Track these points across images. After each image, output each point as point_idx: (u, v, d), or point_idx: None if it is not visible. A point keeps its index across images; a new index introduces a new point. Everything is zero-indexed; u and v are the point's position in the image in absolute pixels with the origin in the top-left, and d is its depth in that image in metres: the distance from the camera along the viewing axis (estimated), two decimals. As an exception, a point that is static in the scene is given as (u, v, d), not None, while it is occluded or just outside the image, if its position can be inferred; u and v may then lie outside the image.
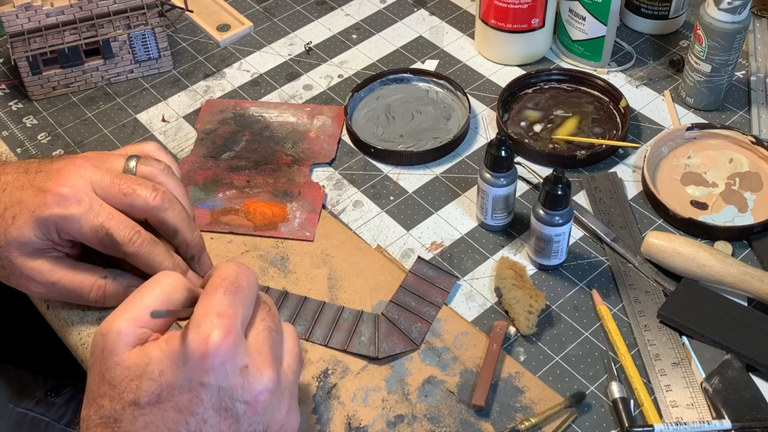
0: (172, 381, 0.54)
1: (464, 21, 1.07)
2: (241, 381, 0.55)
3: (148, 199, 0.68)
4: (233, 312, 0.56)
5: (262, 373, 0.56)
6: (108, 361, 0.55)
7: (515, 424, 0.66)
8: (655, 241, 0.76)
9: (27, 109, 0.98)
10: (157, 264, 0.69)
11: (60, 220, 0.67)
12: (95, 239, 0.68)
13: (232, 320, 0.55)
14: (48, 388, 1.02)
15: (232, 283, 0.57)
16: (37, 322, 0.83)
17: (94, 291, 0.71)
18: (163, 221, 0.70)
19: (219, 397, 0.54)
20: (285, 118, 0.94)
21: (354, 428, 0.67)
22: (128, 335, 0.55)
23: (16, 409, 0.99)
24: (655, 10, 1.01)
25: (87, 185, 0.68)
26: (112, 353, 0.55)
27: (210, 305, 0.56)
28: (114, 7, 0.94)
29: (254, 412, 0.56)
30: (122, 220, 0.68)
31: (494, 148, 0.76)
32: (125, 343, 0.55)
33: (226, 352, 0.54)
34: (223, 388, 0.54)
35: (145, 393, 0.54)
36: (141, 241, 0.68)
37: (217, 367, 0.54)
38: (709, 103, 0.92)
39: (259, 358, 0.56)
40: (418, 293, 0.76)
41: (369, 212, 0.84)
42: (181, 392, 0.54)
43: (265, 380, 0.56)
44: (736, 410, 0.65)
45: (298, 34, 1.06)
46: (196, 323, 0.55)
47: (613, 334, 0.72)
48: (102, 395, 0.55)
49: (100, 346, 0.56)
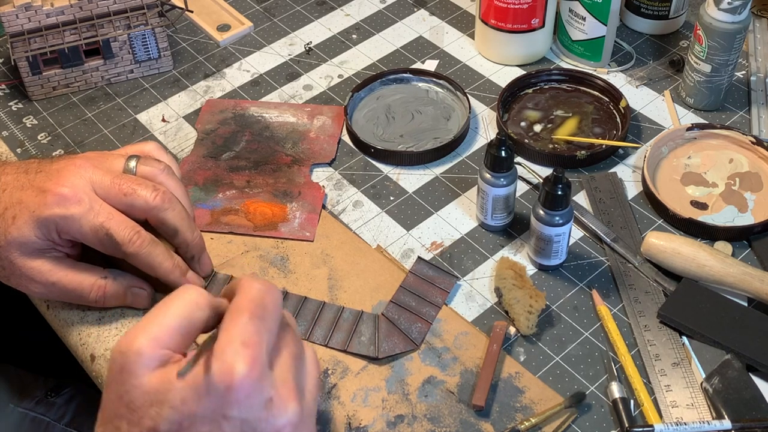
0: (194, 411, 0.52)
1: (464, 21, 1.07)
2: (265, 414, 0.53)
3: (148, 199, 0.68)
4: (259, 340, 0.53)
5: (286, 406, 0.54)
6: (127, 383, 0.53)
7: (515, 424, 0.66)
8: (655, 241, 0.76)
9: (27, 109, 0.98)
10: (157, 264, 0.69)
11: (60, 220, 0.67)
12: (95, 239, 0.68)
13: (257, 350, 0.53)
14: (48, 388, 1.02)
15: (257, 306, 0.55)
16: (37, 322, 0.83)
17: (94, 291, 0.71)
18: (163, 221, 0.69)
19: (241, 430, 0.52)
20: (285, 118, 0.94)
21: (354, 428, 0.67)
22: (149, 357, 0.53)
23: (17, 409, 0.99)
24: (655, 10, 1.01)
25: (87, 185, 0.68)
26: (132, 375, 0.53)
27: (235, 332, 0.53)
28: (114, 7, 0.94)
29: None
30: (122, 220, 0.68)
31: (494, 148, 0.76)
32: (146, 365, 0.53)
33: (252, 386, 0.52)
34: (246, 421, 0.52)
35: (166, 421, 0.52)
36: (141, 242, 0.68)
37: (241, 400, 0.52)
38: (709, 103, 0.92)
39: (284, 390, 0.54)
40: (418, 293, 0.76)
41: (369, 212, 0.84)
42: (203, 423, 0.52)
43: (289, 413, 0.54)
44: (736, 410, 0.65)
45: (298, 34, 1.06)
46: (221, 351, 0.52)
47: (613, 334, 0.72)
48: (119, 417, 0.53)
49: (119, 365, 0.53)
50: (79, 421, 1.00)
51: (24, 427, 0.99)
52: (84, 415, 1.00)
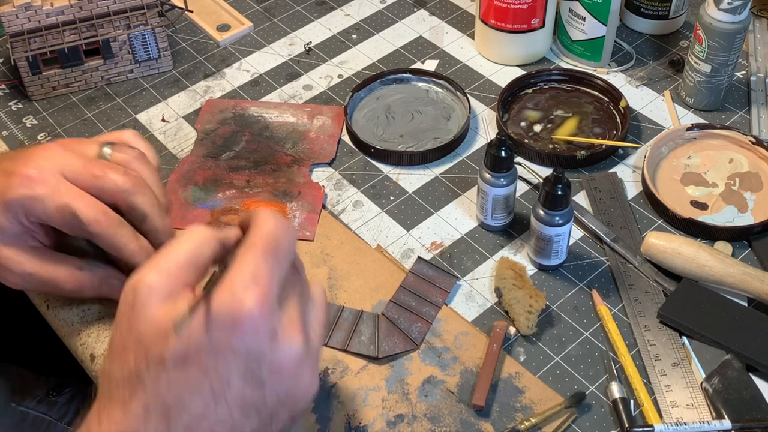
0: (200, 342, 0.52)
1: (464, 21, 1.07)
2: (269, 348, 0.54)
3: (118, 182, 0.68)
4: (269, 278, 0.54)
5: (291, 341, 0.55)
6: (137, 315, 0.53)
7: (515, 424, 0.66)
8: (655, 242, 0.76)
9: (27, 109, 0.98)
10: (122, 245, 0.68)
11: (26, 201, 0.66)
12: (61, 219, 0.67)
13: (267, 286, 0.54)
14: (50, 388, 1.02)
15: (271, 243, 0.55)
16: (37, 322, 0.83)
17: (70, 282, 0.71)
18: (132, 206, 0.69)
19: (246, 363, 0.53)
20: (285, 118, 0.94)
21: (354, 428, 0.67)
22: (159, 290, 0.54)
23: (18, 408, 0.99)
24: (655, 10, 1.01)
25: (54, 167, 0.67)
26: (142, 308, 0.53)
27: (246, 267, 0.54)
28: (114, 7, 0.94)
29: (279, 379, 0.55)
30: (89, 200, 0.67)
31: (494, 148, 0.76)
32: (156, 299, 0.53)
33: (258, 319, 0.53)
34: (251, 353, 0.53)
35: (172, 351, 0.52)
36: (108, 222, 0.67)
37: (247, 332, 0.53)
38: (709, 104, 0.92)
39: (290, 326, 0.55)
40: (418, 293, 0.76)
41: (369, 212, 0.84)
42: (208, 354, 0.53)
43: (294, 349, 0.55)
44: (736, 410, 0.65)
45: (298, 34, 1.06)
46: (230, 285, 0.53)
47: (613, 335, 0.72)
48: (127, 349, 0.54)
49: (130, 301, 0.54)
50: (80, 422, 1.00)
51: (25, 426, 0.99)
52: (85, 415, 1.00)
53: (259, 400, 0.55)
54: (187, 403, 0.53)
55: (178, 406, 0.53)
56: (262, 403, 0.55)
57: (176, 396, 0.53)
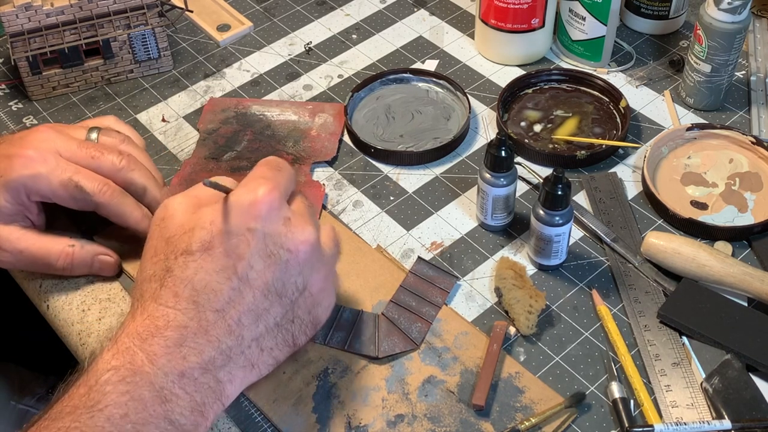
0: (221, 228, 0.60)
1: (464, 21, 1.07)
2: (284, 230, 0.61)
3: (115, 162, 0.72)
4: (276, 179, 0.62)
5: (303, 227, 0.62)
6: (167, 222, 0.62)
7: (515, 423, 0.66)
8: (655, 241, 0.76)
9: (27, 109, 0.98)
10: (128, 213, 0.73)
11: (28, 180, 0.69)
12: (65, 193, 0.71)
13: (276, 182, 0.62)
14: (49, 386, 1.02)
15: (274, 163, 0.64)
16: (37, 322, 0.83)
17: (62, 258, 0.74)
18: (131, 181, 0.73)
19: (264, 243, 0.60)
20: (287, 116, 0.94)
21: (354, 428, 0.67)
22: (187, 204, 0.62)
23: (18, 406, 0.99)
24: (655, 10, 1.01)
25: (51, 148, 0.71)
26: (171, 217, 0.62)
27: (255, 173, 0.63)
28: (114, 7, 0.94)
29: (297, 262, 0.62)
30: (90, 173, 0.71)
31: (494, 148, 0.76)
32: (183, 209, 0.62)
33: (272, 202, 0.60)
34: (268, 234, 0.60)
35: (197, 240, 0.59)
36: (111, 192, 0.71)
37: (263, 214, 0.60)
38: (709, 103, 0.92)
39: (301, 218, 0.63)
40: (418, 293, 0.76)
41: (369, 212, 0.84)
42: (229, 237, 0.59)
43: (306, 233, 0.62)
44: (736, 410, 0.65)
45: (298, 34, 1.06)
46: (244, 183, 0.62)
47: (613, 335, 0.72)
48: (157, 252, 0.61)
49: (161, 216, 0.62)
50: None
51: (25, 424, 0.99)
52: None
53: (280, 285, 0.61)
54: (213, 287, 0.59)
55: (206, 290, 0.59)
56: (283, 288, 0.61)
57: (203, 279, 0.59)
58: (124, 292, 0.77)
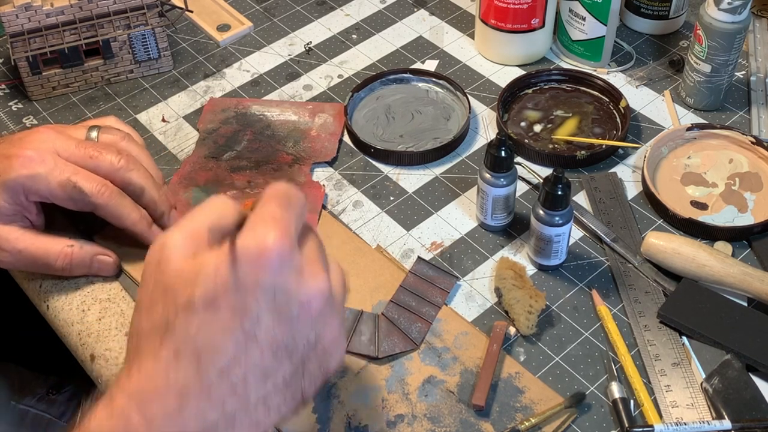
0: (227, 280, 0.53)
1: (464, 21, 1.07)
2: (296, 282, 0.54)
3: (113, 161, 0.71)
4: (287, 219, 0.55)
5: (316, 277, 0.55)
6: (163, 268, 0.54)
7: (515, 424, 0.66)
8: (655, 241, 0.76)
9: (27, 109, 0.98)
10: (126, 215, 0.72)
11: (27, 180, 0.69)
12: (64, 194, 0.70)
13: (286, 225, 0.55)
14: (49, 386, 1.02)
15: (284, 196, 0.57)
16: (37, 321, 0.83)
17: (61, 258, 0.74)
18: (129, 181, 0.72)
19: (274, 297, 0.53)
20: (286, 116, 0.94)
21: (354, 427, 0.67)
22: (184, 246, 0.55)
23: (18, 406, 0.99)
24: (655, 10, 1.01)
25: (51, 148, 0.71)
26: (168, 262, 0.54)
27: (264, 212, 0.55)
28: (114, 7, 0.94)
29: (308, 316, 0.55)
30: (88, 174, 0.71)
31: (494, 149, 0.76)
32: (182, 254, 0.54)
33: (283, 251, 0.53)
34: (278, 288, 0.53)
35: (200, 294, 0.53)
36: (109, 193, 0.71)
37: (273, 266, 0.53)
38: (709, 104, 0.92)
39: (313, 266, 0.56)
40: (418, 293, 0.76)
41: (369, 212, 0.84)
42: (236, 292, 0.53)
43: (319, 284, 0.55)
44: (736, 410, 0.65)
45: (298, 34, 1.06)
46: (252, 227, 0.54)
47: (613, 335, 0.72)
48: (155, 302, 0.54)
49: (156, 258, 0.55)
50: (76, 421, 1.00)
51: (25, 425, 0.99)
52: (85, 413, 1.00)
53: (290, 342, 0.54)
54: (218, 346, 0.52)
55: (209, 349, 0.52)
56: (293, 345, 0.55)
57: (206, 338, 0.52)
58: (124, 292, 0.77)
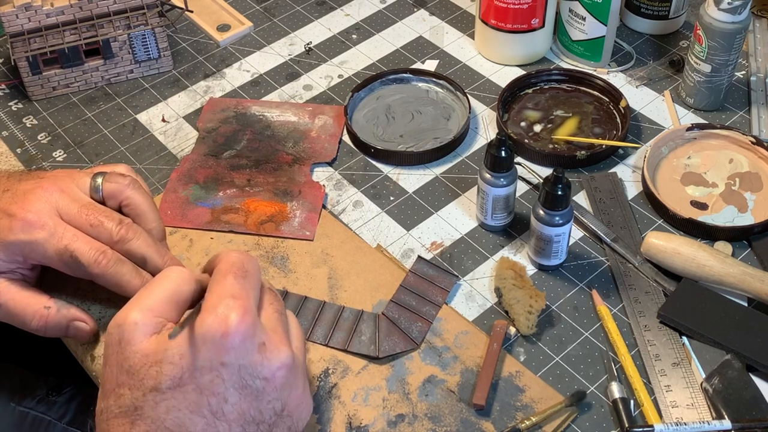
0: (192, 363, 0.55)
1: (464, 21, 1.07)
2: (260, 358, 0.56)
3: (112, 233, 0.69)
4: (246, 294, 0.57)
5: (279, 350, 0.57)
6: (126, 351, 0.56)
7: (516, 423, 0.66)
8: (655, 242, 0.76)
9: (27, 109, 0.98)
10: (125, 283, 0.69)
11: (24, 245, 0.68)
12: (60, 262, 0.69)
13: (246, 301, 0.57)
14: (49, 388, 1.02)
15: (240, 268, 0.59)
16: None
17: (36, 319, 0.71)
18: (129, 252, 0.70)
19: (239, 376, 0.56)
20: (286, 117, 0.94)
21: (354, 428, 0.67)
22: (144, 324, 0.56)
23: (18, 408, 0.99)
24: (655, 10, 1.01)
25: (52, 210, 0.69)
26: (130, 343, 0.56)
27: (223, 290, 0.57)
28: (114, 7, 0.94)
29: (273, 388, 0.57)
30: (87, 241, 0.69)
31: (494, 149, 0.76)
32: (142, 333, 0.56)
33: (245, 331, 0.55)
34: (243, 366, 0.56)
35: (166, 377, 0.55)
36: (107, 261, 0.69)
37: (237, 345, 0.55)
38: (709, 104, 0.92)
39: (275, 337, 0.58)
40: (419, 293, 0.76)
41: (369, 212, 0.84)
42: (202, 373, 0.55)
43: (282, 356, 0.57)
44: (736, 410, 0.65)
45: (298, 34, 1.06)
46: (212, 306, 0.56)
47: (613, 335, 0.72)
48: (121, 385, 0.56)
49: (117, 338, 0.57)
50: (80, 420, 1.00)
51: (25, 426, 0.99)
52: (85, 414, 1.00)
53: (257, 414, 0.57)
54: (187, 425, 0.55)
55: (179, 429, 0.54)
56: (260, 417, 0.57)
57: (176, 418, 0.54)
58: (124, 292, 0.77)
